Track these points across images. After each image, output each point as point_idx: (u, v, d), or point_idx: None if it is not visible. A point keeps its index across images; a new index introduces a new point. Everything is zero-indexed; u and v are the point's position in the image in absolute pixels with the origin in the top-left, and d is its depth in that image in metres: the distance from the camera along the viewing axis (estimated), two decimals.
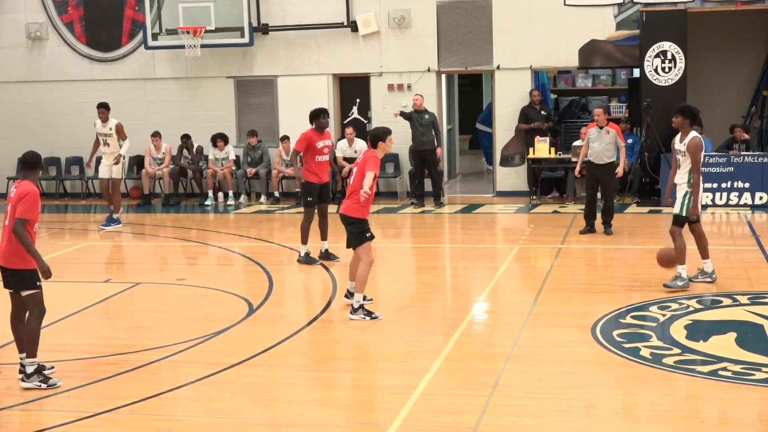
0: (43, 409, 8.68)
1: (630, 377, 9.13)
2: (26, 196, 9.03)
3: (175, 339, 10.58)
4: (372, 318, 11.20)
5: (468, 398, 8.52)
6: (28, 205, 9.01)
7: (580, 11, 19.47)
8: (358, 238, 11.27)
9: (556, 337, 10.38)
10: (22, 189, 9.11)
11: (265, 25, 20.65)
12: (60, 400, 8.88)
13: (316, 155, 13.80)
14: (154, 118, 21.15)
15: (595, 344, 10.02)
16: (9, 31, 21.93)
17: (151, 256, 16.13)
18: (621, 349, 9.78)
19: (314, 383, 9.42)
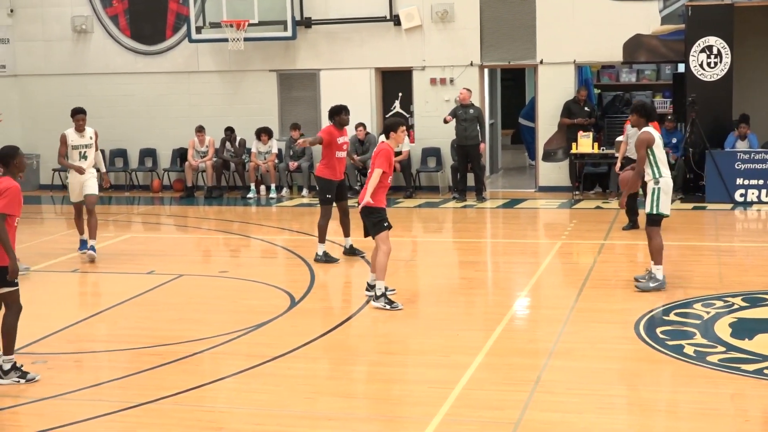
0: (86, 399, 8.75)
1: (673, 375, 9.07)
2: (8, 191, 9.02)
3: (218, 331, 10.63)
4: (392, 307, 11.31)
5: (510, 394, 8.49)
6: (8, 200, 8.99)
7: (625, 5, 19.31)
8: (376, 228, 11.48)
9: (599, 333, 10.33)
10: (4, 184, 9.09)
11: (308, 18, 20.67)
12: (103, 390, 8.96)
13: (336, 151, 13.78)
14: (197, 111, 21.25)
15: (638, 341, 9.96)
16: (55, 24, 22.13)
17: (193, 248, 16.22)
18: (664, 347, 9.70)
19: (355, 377, 9.44)
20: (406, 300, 12.03)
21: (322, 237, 13.93)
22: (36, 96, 21.85)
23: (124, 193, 21.64)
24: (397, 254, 14.90)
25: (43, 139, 20.97)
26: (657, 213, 11.80)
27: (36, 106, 21.70)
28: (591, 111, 19.77)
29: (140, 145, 21.82)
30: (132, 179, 21.95)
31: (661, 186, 11.72)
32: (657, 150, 11.72)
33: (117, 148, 21.91)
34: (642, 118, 11.90)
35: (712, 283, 12.27)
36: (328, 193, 13.83)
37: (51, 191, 21.59)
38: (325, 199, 13.87)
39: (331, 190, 13.82)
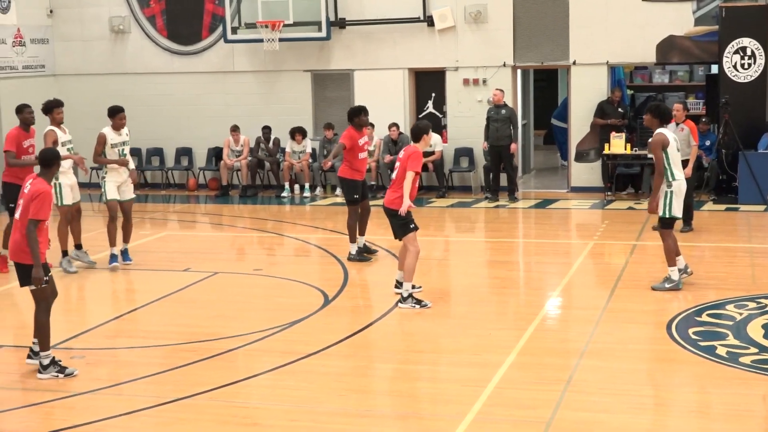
0: (123, 394, 8.82)
1: (705, 376, 9.02)
2: (39, 196, 9.15)
3: (252, 328, 10.69)
4: (421, 306, 11.35)
5: (541, 393, 8.48)
6: (38, 205, 9.12)
7: (658, 6, 19.19)
8: (403, 229, 11.53)
9: (631, 333, 10.30)
10: (35, 189, 9.23)
11: (343, 19, 20.71)
12: (140, 385, 9.03)
13: (358, 152, 13.81)
14: (232, 111, 21.32)
15: (671, 342, 9.92)
16: (93, 24, 22.28)
17: (228, 246, 16.29)
18: (697, 347, 9.66)
19: (388, 374, 9.46)
20: (438, 299, 12.05)
21: (352, 236, 13.96)
22: (75, 95, 21.99)
23: (160, 191, 21.76)
24: (429, 254, 14.95)
25: (81, 138, 21.04)
26: (670, 216, 11.76)
27: (75, 105, 21.81)
28: (624, 112, 19.67)
29: (176, 144, 21.93)
30: (168, 178, 22.07)
31: (673, 189, 11.68)
32: (671, 151, 11.67)
33: (153, 147, 22.04)
34: (655, 119, 11.87)
35: (745, 284, 12.19)
36: (354, 194, 13.87)
37: (89, 189, 21.73)
38: (352, 200, 13.90)
39: (356, 190, 13.87)
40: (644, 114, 12.44)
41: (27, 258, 9.21)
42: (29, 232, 9.09)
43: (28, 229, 9.10)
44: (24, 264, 9.28)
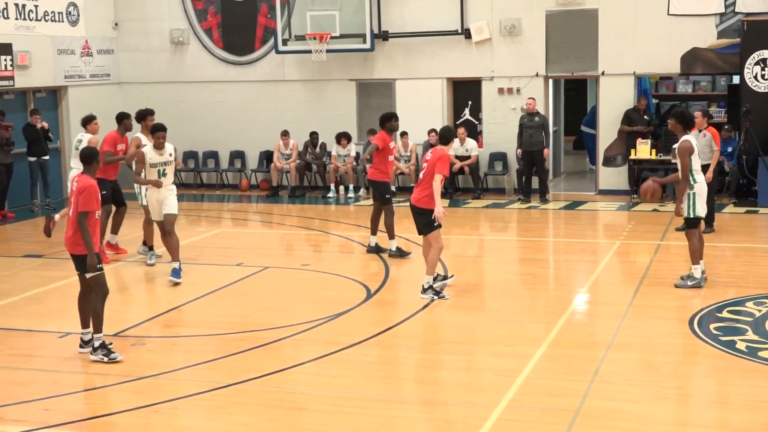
0: (180, 379, 8.88)
1: (726, 369, 8.92)
2: (85, 190, 9.28)
3: (299, 319, 10.72)
4: (439, 297, 11.39)
5: (570, 383, 8.44)
6: (86, 198, 9.24)
7: (683, 20, 19.02)
8: (429, 227, 11.49)
9: (655, 328, 10.21)
10: (81, 184, 9.35)
11: (386, 32, 20.72)
12: (195, 371, 9.08)
13: (388, 155, 13.85)
14: (282, 117, 21.41)
15: (693, 336, 9.83)
16: (155, 36, 22.46)
17: (278, 242, 16.35)
18: (717, 342, 9.57)
19: (426, 364, 9.45)
20: (473, 294, 12.05)
21: (391, 234, 13.96)
22: (137, 102, 22.07)
23: (215, 191, 21.87)
24: (465, 251, 14.96)
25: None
26: (694, 216, 11.66)
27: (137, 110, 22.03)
28: (649, 119, 19.56)
29: (230, 148, 22.04)
30: (222, 179, 22.18)
31: (696, 191, 11.60)
32: (693, 157, 11.58)
33: (209, 150, 22.16)
34: (679, 124, 11.75)
35: (764, 282, 12.03)
36: (387, 193, 13.92)
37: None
38: (385, 199, 13.92)
39: (388, 190, 13.95)
40: (669, 119, 12.35)
41: (82, 249, 9.34)
42: (80, 223, 9.25)
43: (79, 221, 9.25)
44: (79, 255, 9.41)
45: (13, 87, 19.61)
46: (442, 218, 11.39)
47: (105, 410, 8.16)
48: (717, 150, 15.05)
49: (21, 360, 9.62)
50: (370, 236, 14.35)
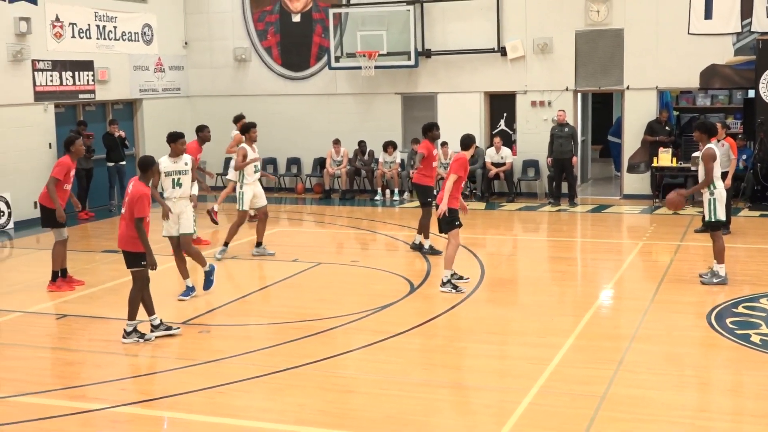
0: (241, 364, 8.92)
1: (740, 360, 8.81)
2: (139, 200, 9.43)
3: (349, 310, 10.74)
4: (457, 291, 11.42)
5: (597, 371, 8.38)
6: (140, 205, 9.42)
7: (702, 39, 18.79)
8: (449, 225, 11.50)
9: (675, 322, 10.10)
10: (135, 191, 9.51)
11: (429, 50, 20.69)
12: (255, 356, 9.13)
13: (432, 162, 13.82)
14: (334, 127, 21.47)
15: (710, 329, 9.71)
16: (220, 54, 22.63)
17: (330, 241, 16.39)
18: (733, 335, 9.45)
19: (464, 352, 9.42)
20: (507, 289, 12.01)
21: (426, 233, 13.97)
22: (204, 113, 22.35)
23: (273, 194, 21.95)
24: (499, 250, 14.91)
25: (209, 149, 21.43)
26: (716, 220, 11.53)
27: (204, 121, 21.88)
28: (670, 130, 19.37)
29: (287, 155, 22.14)
30: (280, 183, 22.29)
31: (716, 196, 11.49)
32: (715, 164, 11.47)
33: (269, 156, 22.25)
34: (704, 134, 11.67)
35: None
36: (429, 197, 13.87)
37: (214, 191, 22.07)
38: (426, 202, 13.89)
39: (431, 194, 13.88)
40: (693, 131, 12.25)
41: (132, 246, 9.55)
42: (138, 228, 9.45)
43: (137, 225, 9.45)
44: (129, 251, 9.60)
45: (94, 99, 19.88)
46: (440, 215, 11.38)
47: (174, 390, 8.23)
48: (734, 158, 14.87)
49: (100, 345, 9.74)
50: (421, 237, 14.24)
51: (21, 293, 12.13)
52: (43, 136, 18.48)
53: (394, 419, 7.40)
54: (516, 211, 18.61)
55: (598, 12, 19.51)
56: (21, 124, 17.94)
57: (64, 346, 9.79)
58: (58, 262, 12.17)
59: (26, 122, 18.08)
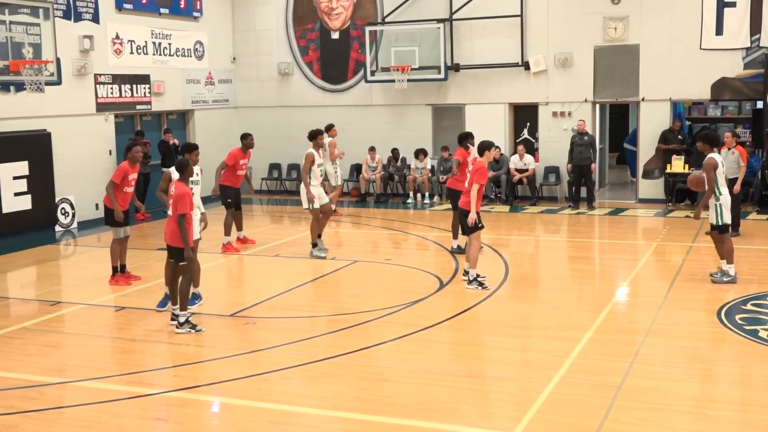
0: (284, 353, 8.96)
1: (749, 353, 8.69)
2: (181, 198, 9.58)
3: (383, 305, 10.74)
4: (483, 288, 11.40)
5: (614, 363, 8.31)
6: (183, 203, 9.58)
7: (713, 53, 18.58)
8: (472, 228, 11.47)
9: (687, 317, 10.00)
10: (178, 191, 9.67)
11: (457, 64, 20.66)
12: (294, 347, 9.15)
13: (465, 168, 13.75)
14: (370, 135, 21.49)
15: (720, 325, 9.60)
16: (265, 68, 22.75)
17: (365, 240, 16.39)
18: (742, 330, 9.33)
19: (490, 344, 9.38)
20: (530, 286, 11.96)
21: (455, 234, 13.93)
22: (251, 123, 22.48)
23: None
24: (522, 249, 14.82)
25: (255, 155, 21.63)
26: (723, 223, 11.42)
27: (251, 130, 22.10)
28: (683, 139, 19.18)
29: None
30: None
31: (721, 202, 11.40)
32: (718, 172, 11.35)
33: None
34: (707, 144, 11.59)
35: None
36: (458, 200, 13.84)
37: (259, 195, 22.20)
38: (456, 205, 13.86)
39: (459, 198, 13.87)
40: (697, 142, 12.20)
41: (179, 242, 9.70)
42: (180, 224, 9.59)
43: (179, 221, 9.59)
44: (177, 246, 9.75)
45: (150, 110, 20.06)
46: (472, 223, 11.32)
47: (223, 377, 8.28)
48: (744, 165, 14.70)
49: (155, 335, 9.82)
50: (458, 241, 14.15)
51: (84, 287, 12.28)
52: (104, 144, 18.68)
53: (423, 406, 7.39)
54: (538, 214, 18.51)
55: (616, 29, 19.37)
56: (84, 132, 18.15)
57: (123, 335, 9.89)
58: (115, 259, 12.30)
59: (89, 131, 18.29)
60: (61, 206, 17.42)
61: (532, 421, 6.99)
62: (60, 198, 17.39)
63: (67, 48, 17.42)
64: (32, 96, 16.42)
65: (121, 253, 12.34)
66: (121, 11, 19.04)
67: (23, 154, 16.55)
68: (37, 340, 9.66)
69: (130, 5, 19.22)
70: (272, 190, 22.67)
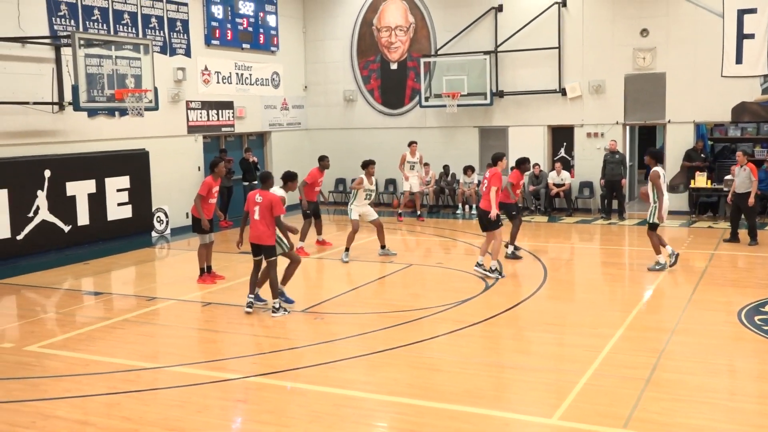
0: (348, 345, 8.99)
1: (766, 351, 8.44)
2: (276, 202, 9.91)
3: (434, 303, 10.71)
4: (501, 276, 11.83)
5: (642, 358, 8.15)
6: (279, 206, 9.92)
7: (733, 80, 18.16)
8: (493, 225, 12.06)
9: (709, 318, 9.76)
10: (269, 197, 10.01)
11: (501, 91, 20.54)
12: (359, 339, 9.17)
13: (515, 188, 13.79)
14: (424, 154, 21.23)
15: (740, 325, 9.35)
16: (333, 95, 22.92)
17: (419, 246, 16.37)
18: (761, 330, 9.08)
19: (530, 339, 9.27)
20: (566, 288, 11.81)
21: (512, 240, 13.85)
22: (320, 143, 22.67)
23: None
24: (559, 255, 14.63)
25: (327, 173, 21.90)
26: (652, 222, 12.38)
27: (319, 149, 22.46)
28: (705, 157, 18.80)
29: (386, 176, 22.23)
30: (379, 199, 22.40)
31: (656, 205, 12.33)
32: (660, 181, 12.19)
33: None
34: (653, 159, 12.32)
35: None
36: (513, 211, 13.76)
37: (326, 206, 22.33)
38: (510, 216, 13.83)
39: (514, 208, 13.87)
40: (645, 156, 12.83)
41: (268, 241, 10.01)
42: (279, 224, 9.94)
43: (278, 222, 9.95)
44: (267, 245, 10.06)
45: (233, 132, 20.35)
46: (494, 217, 11.90)
47: (295, 365, 8.35)
48: (755, 180, 14.39)
49: (236, 327, 9.93)
50: (512, 247, 14.05)
51: (176, 285, 12.49)
52: (194, 161, 19.01)
53: (470, 393, 7.34)
54: (573, 224, 18.27)
55: (644, 58, 19.06)
56: (177, 151, 18.50)
57: (208, 327, 10.03)
58: (202, 261, 12.50)
59: (180, 150, 18.63)
60: (156, 215, 17.76)
61: (569, 409, 6.89)
62: (156, 207, 17.73)
63: (163, 78, 17.79)
64: (133, 120, 16.80)
65: (207, 256, 12.52)
66: (209, 46, 19.38)
67: (125, 169, 16.93)
68: (135, 330, 9.85)
69: (217, 41, 19.55)
70: (338, 202, 22.79)
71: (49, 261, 14.56)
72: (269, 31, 21.32)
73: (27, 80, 14.89)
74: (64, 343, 9.30)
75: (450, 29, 21.07)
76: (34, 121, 15.07)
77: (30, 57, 14.94)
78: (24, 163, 14.76)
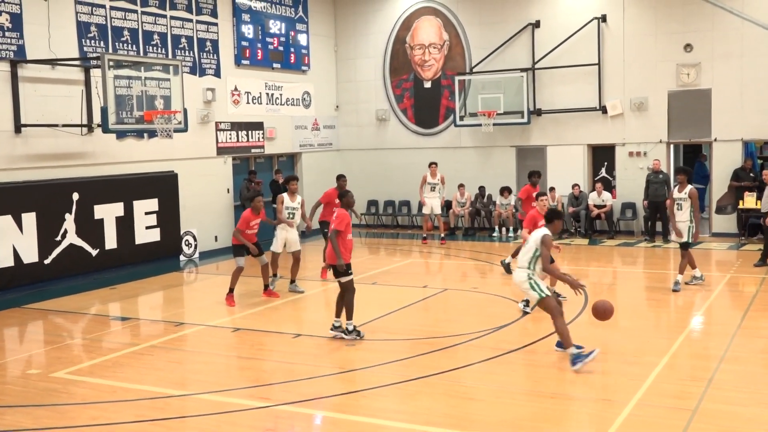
0: (380, 373, 8.96)
1: None
2: (339, 216, 10.21)
3: (470, 329, 10.66)
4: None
5: (689, 387, 8.02)
6: (339, 221, 10.14)
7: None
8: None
9: (760, 345, 9.58)
10: (338, 212, 10.32)
11: (539, 109, 20.51)
12: (391, 367, 9.15)
13: (531, 202, 13.72)
14: (459, 174, 21.47)
15: None
16: (365, 114, 23.05)
17: (454, 270, 16.31)
18: None
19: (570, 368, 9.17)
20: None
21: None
22: (352, 164, 22.79)
23: (406, 230, 22.11)
24: (601, 280, 14.50)
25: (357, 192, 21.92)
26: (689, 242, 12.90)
27: (351, 170, 22.59)
28: (754, 176, 18.51)
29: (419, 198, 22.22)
30: (413, 221, 22.43)
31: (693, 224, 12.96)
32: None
33: (403, 199, 22.47)
34: (685, 177, 12.89)
35: None
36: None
37: (358, 228, 22.39)
38: None
39: None
40: (678, 175, 13.21)
41: (334, 260, 10.19)
42: (332, 239, 10.17)
43: (331, 237, 10.18)
44: (332, 264, 10.28)
45: (263, 153, 20.55)
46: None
47: (325, 393, 8.35)
48: None
49: (266, 353, 9.98)
50: None
51: (204, 310, 12.59)
52: (223, 183, 19.21)
53: (507, 423, 7.28)
54: (615, 247, 18.10)
55: (688, 74, 18.92)
56: (205, 173, 18.71)
57: (238, 353, 10.09)
58: (233, 281, 12.97)
59: (209, 172, 18.85)
60: (185, 238, 17.95)
61: None
62: (184, 231, 17.93)
63: (192, 99, 18.04)
64: (162, 141, 17.06)
65: (264, 274, 13.25)
66: (239, 66, 19.65)
67: (154, 192, 17.16)
68: (163, 356, 9.94)
69: (247, 61, 19.82)
70: (369, 225, 22.84)
71: (77, 285, 14.79)
72: (300, 50, 21.56)
73: (56, 102, 15.23)
74: (90, 369, 9.41)
75: (485, 46, 21.12)
76: (63, 143, 15.39)
77: (60, 79, 15.29)
78: (52, 186, 15.05)
